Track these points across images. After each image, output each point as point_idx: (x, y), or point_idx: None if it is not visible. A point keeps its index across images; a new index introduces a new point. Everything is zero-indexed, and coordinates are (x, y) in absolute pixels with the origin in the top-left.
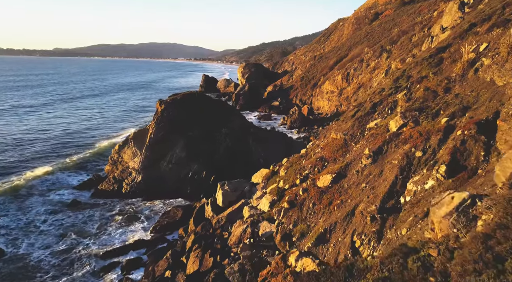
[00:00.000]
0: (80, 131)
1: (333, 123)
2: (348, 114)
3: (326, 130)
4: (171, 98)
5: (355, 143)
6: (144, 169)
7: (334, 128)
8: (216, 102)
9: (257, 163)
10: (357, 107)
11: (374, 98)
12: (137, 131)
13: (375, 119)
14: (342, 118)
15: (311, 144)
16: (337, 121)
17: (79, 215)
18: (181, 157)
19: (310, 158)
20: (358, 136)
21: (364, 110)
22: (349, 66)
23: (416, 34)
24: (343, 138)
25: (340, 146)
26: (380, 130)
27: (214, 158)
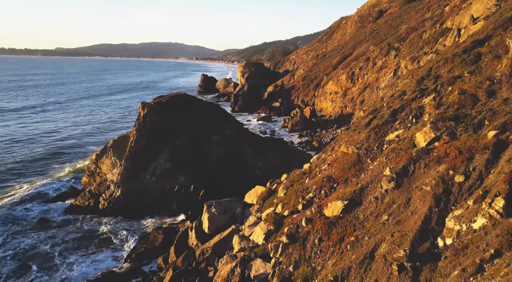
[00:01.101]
0: (73, 136)
1: (343, 133)
2: (361, 123)
3: (334, 142)
4: (155, 101)
5: (372, 160)
6: (124, 182)
7: (344, 139)
8: (207, 105)
9: (253, 175)
10: (372, 113)
11: (393, 103)
12: (117, 138)
13: (395, 130)
14: (354, 127)
15: (316, 158)
16: (348, 130)
17: (42, 236)
18: (166, 168)
19: (315, 176)
20: (375, 151)
21: (381, 118)
22: (354, 66)
23: (427, 30)
24: (356, 153)
25: (352, 162)
26: (403, 144)
27: (203, 169)
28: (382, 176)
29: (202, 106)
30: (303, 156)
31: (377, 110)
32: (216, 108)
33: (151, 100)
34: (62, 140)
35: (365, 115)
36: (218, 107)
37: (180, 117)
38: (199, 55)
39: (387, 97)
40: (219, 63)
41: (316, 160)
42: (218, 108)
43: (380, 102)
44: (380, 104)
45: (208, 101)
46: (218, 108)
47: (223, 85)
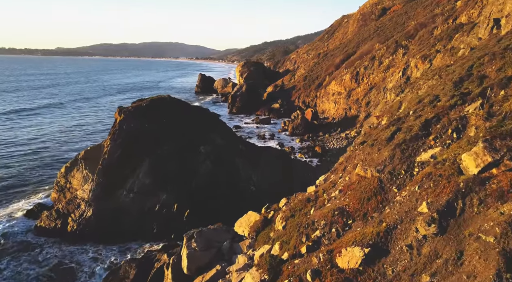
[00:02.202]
0: (55, 143)
1: (357, 149)
2: (381, 136)
3: (346, 159)
4: (134, 105)
5: (399, 188)
6: (96, 200)
7: (359, 157)
8: (194, 110)
9: (247, 191)
10: (395, 124)
11: (422, 111)
12: (90, 148)
13: (430, 148)
14: (371, 141)
15: (323, 179)
16: (363, 145)
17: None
18: (145, 184)
19: (322, 206)
20: (402, 177)
21: (408, 131)
22: (358, 65)
23: (439, 26)
24: (376, 177)
25: (372, 190)
26: (444, 169)
27: (189, 185)
28: (416, 213)
29: (188, 111)
30: (304, 168)
31: (400, 120)
32: (204, 113)
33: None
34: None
35: (385, 125)
36: (207, 112)
37: (163, 124)
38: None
39: (410, 103)
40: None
41: (323, 181)
42: (207, 113)
43: (400, 107)
44: (404, 112)
45: (195, 105)
46: (207, 113)
47: (221, 86)
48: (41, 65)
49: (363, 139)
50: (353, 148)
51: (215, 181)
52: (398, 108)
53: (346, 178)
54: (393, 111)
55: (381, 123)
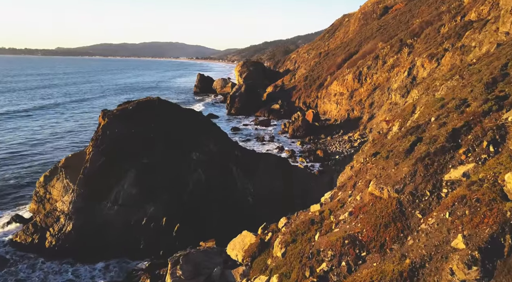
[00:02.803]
0: (43, 148)
1: (368, 161)
2: (398, 147)
3: (356, 173)
4: (119, 108)
5: (423, 213)
6: (77, 212)
7: (371, 171)
8: (185, 113)
9: (244, 203)
10: (414, 133)
11: (447, 118)
12: (72, 156)
13: (460, 164)
14: (386, 153)
15: (329, 196)
16: (375, 157)
17: None
18: (132, 195)
19: (329, 231)
20: (428, 199)
21: (432, 142)
22: (361, 64)
23: (446, 24)
24: (395, 199)
25: (390, 215)
26: (482, 192)
27: (179, 197)
28: (449, 249)
29: (179, 115)
30: (306, 177)
31: (420, 128)
32: (197, 117)
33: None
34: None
35: (400, 133)
36: (199, 115)
37: (150, 129)
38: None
39: (428, 107)
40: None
41: (329, 199)
42: (200, 116)
43: (415, 112)
44: (422, 118)
45: (187, 108)
46: (199, 117)
47: (220, 86)
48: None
49: (375, 149)
50: (364, 159)
51: (208, 191)
52: (412, 113)
53: (357, 197)
54: (405, 116)
55: (392, 129)
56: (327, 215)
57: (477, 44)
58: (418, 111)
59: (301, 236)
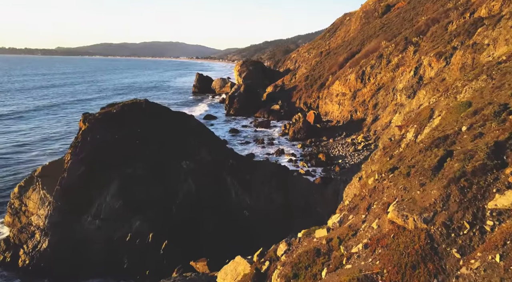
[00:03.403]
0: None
1: (385, 178)
2: (422, 162)
3: (370, 192)
4: (102, 111)
5: (462, 252)
6: (53, 227)
7: (390, 192)
8: (176, 117)
9: (240, 216)
10: (441, 145)
11: (484, 127)
12: (49, 164)
13: (509, 188)
14: (406, 169)
15: (337, 220)
16: (393, 174)
17: None
18: (115, 208)
19: (340, 267)
20: (467, 233)
21: (468, 159)
22: (364, 63)
23: (454, 21)
24: (423, 231)
25: (418, 252)
26: None
27: (168, 210)
28: None
29: (168, 119)
30: (308, 188)
31: (449, 139)
32: (188, 121)
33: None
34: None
35: (423, 145)
36: (191, 120)
37: (136, 135)
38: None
39: (452, 113)
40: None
41: (338, 223)
42: (192, 120)
43: (433, 117)
44: (449, 126)
45: (177, 111)
46: (191, 121)
47: (219, 86)
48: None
49: (390, 161)
50: (378, 175)
51: (199, 204)
52: (430, 118)
53: (374, 225)
54: (422, 121)
55: (406, 136)
56: (336, 245)
57: (491, 41)
58: (438, 116)
59: (304, 270)
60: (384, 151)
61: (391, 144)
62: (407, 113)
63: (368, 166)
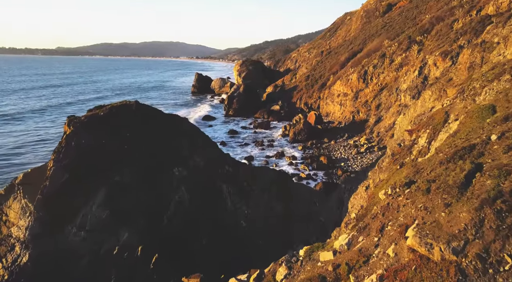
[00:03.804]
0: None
1: (400, 194)
2: (445, 177)
3: (382, 210)
4: (89, 114)
5: None
6: (34, 240)
7: (407, 211)
8: (168, 121)
9: (237, 228)
10: (465, 156)
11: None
12: (32, 170)
13: None
14: (425, 184)
15: (346, 242)
16: (410, 189)
17: None
18: (101, 219)
19: None
20: (510, 269)
21: (505, 176)
22: (366, 63)
23: (460, 19)
24: (453, 263)
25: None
26: None
27: (159, 221)
28: None
29: (160, 122)
30: (310, 196)
31: (475, 149)
32: (182, 124)
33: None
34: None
35: (444, 155)
36: (185, 123)
37: (125, 139)
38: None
39: (473, 118)
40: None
41: (345, 246)
42: (185, 123)
43: (448, 120)
44: (474, 134)
45: (171, 114)
46: (184, 124)
47: (218, 85)
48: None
49: (407, 175)
50: (392, 190)
51: (192, 214)
52: (445, 122)
53: (389, 252)
54: (436, 126)
55: (418, 142)
56: (344, 273)
57: (501, 39)
58: (454, 121)
59: None
60: (393, 158)
61: (400, 150)
62: (417, 117)
63: (376, 174)
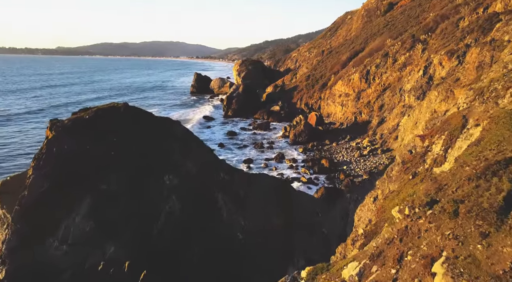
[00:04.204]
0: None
1: (421, 216)
2: (477, 198)
3: (401, 235)
4: (73, 117)
5: None
6: (12, 254)
7: (430, 237)
8: (159, 124)
9: (233, 240)
10: (500, 171)
11: None
12: (11, 178)
13: None
14: (452, 205)
15: (357, 272)
16: (432, 210)
17: None
18: (85, 231)
19: None
20: None
21: None
22: (368, 63)
23: (466, 17)
24: None
25: None
26: None
27: (147, 234)
28: None
29: (150, 125)
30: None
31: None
32: (173, 128)
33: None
34: None
35: (472, 170)
36: (177, 127)
37: (112, 145)
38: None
39: (498, 123)
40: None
41: (357, 277)
42: (178, 127)
43: (466, 125)
44: (505, 143)
45: (162, 117)
46: (176, 128)
47: (218, 86)
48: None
49: (427, 192)
50: (411, 210)
51: (184, 225)
52: (463, 127)
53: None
54: (453, 132)
55: (432, 150)
56: None
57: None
58: (475, 126)
59: None
60: (404, 166)
61: (412, 157)
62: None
63: (385, 183)
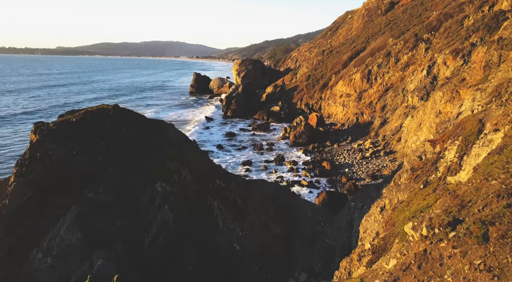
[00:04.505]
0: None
1: (442, 238)
2: (509, 218)
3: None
4: (59, 120)
5: None
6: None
7: (455, 265)
8: (151, 127)
9: (229, 252)
10: None
11: None
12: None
13: None
14: (480, 228)
15: None
16: (458, 234)
17: None
18: (71, 243)
19: None
20: None
21: None
22: (370, 62)
23: (470, 15)
24: None
25: None
26: None
27: (138, 245)
28: None
29: (142, 129)
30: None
31: None
32: (166, 131)
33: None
34: None
35: (503, 185)
36: (170, 129)
37: (100, 150)
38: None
39: None
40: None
41: None
42: (171, 130)
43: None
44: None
45: (155, 119)
46: (170, 131)
47: (217, 86)
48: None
49: (448, 209)
50: (429, 231)
51: (178, 236)
52: (480, 132)
53: None
54: (468, 137)
55: (445, 156)
56: None
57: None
58: (494, 131)
59: None
60: (413, 174)
61: (422, 164)
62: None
63: (393, 192)
